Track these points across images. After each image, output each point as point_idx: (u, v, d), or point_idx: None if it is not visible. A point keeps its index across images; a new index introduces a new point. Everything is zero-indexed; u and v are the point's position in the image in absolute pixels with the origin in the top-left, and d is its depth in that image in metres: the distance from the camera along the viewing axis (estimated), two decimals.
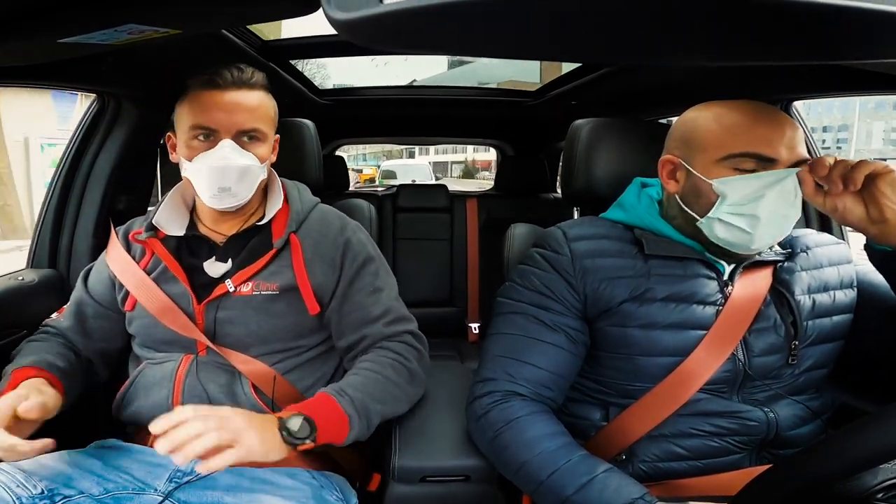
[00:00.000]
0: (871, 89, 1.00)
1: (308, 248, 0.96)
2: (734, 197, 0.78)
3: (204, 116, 0.89)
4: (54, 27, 0.68)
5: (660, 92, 1.54)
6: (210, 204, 0.92)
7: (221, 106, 0.90)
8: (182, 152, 0.92)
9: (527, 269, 0.92)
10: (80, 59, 0.90)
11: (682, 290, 0.83)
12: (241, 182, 0.91)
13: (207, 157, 0.89)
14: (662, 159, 0.89)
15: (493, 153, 4.23)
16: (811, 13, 0.40)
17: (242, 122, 0.91)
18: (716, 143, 0.81)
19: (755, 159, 0.78)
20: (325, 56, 1.68)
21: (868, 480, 0.56)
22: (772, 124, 0.79)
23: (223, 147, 0.89)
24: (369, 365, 0.92)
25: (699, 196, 0.83)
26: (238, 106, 0.91)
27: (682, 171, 0.86)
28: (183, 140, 0.92)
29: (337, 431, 0.82)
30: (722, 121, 0.81)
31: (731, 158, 0.79)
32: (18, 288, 1.15)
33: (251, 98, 0.93)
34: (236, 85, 0.91)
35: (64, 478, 0.79)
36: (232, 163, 0.89)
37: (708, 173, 0.81)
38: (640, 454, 0.84)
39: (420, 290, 2.31)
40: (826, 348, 0.86)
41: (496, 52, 0.60)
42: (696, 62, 0.71)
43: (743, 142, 0.78)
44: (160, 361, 0.95)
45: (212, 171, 0.89)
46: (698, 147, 0.83)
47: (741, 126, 0.79)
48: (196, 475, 0.86)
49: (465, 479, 0.89)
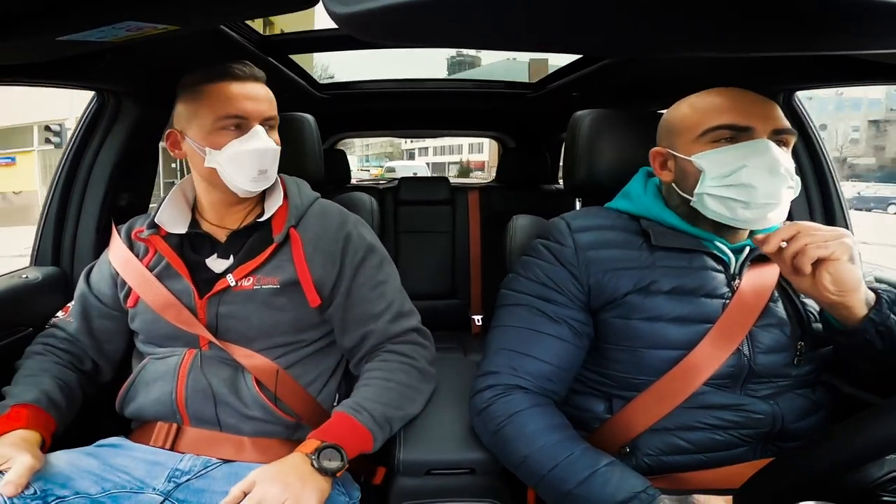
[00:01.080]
0: (872, 79, 1.00)
1: (308, 242, 0.97)
2: (714, 169, 0.81)
3: (233, 106, 0.92)
4: (53, 25, 0.68)
5: (661, 83, 1.53)
6: (247, 187, 0.94)
7: (249, 96, 0.94)
8: (206, 143, 0.93)
9: (530, 261, 0.92)
10: (78, 57, 0.89)
11: (688, 282, 0.83)
12: (273, 164, 0.96)
13: (243, 142, 0.92)
14: (652, 152, 0.91)
15: (485, 154, 4.24)
16: (813, 3, 0.40)
17: (266, 110, 0.96)
18: (692, 123, 0.85)
19: (730, 129, 0.81)
20: (325, 50, 1.67)
21: (874, 472, 0.57)
22: (744, 98, 0.83)
23: (258, 132, 0.93)
24: (379, 374, 0.93)
25: (687, 177, 0.85)
26: (258, 96, 0.96)
27: (671, 158, 0.88)
28: (205, 132, 0.93)
29: (362, 447, 0.85)
30: (696, 104, 0.86)
31: (707, 133, 0.83)
32: (23, 286, 1.15)
33: (264, 89, 0.98)
34: (253, 77, 0.96)
35: (60, 478, 0.79)
36: (270, 145, 0.94)
37: (689, 151, 0.84)
38: (643, 447, 0.84)
39: (422, 282, 2.31)
40: (829, 350, 0.86)
41: (496, 44, 0.59)
42: (698, 53, 0.71)
43: (716, 116, 0.82)
44: (163, 356, 0.96)
45: (253, 154, 0.92)
46: (678, 132, 0.87)
47: (714, 103, 0.84)
48: (195, 474, 0.87)
49: (471, 472, 0.89)
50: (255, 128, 0.93)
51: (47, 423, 0.87)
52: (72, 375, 0.97)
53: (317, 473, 0.77)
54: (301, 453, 0.80)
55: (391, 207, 2.43)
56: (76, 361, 1.00)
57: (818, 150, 1.29)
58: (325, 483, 0.78)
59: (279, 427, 0.94)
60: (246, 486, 0.74)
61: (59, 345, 0.99)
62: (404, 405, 0.92)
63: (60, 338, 1.00)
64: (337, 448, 0.80)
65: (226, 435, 0.92)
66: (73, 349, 1.00)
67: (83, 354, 1.01)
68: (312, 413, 0.96)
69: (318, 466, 0.78)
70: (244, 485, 0.74)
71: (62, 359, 0.98)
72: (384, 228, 2.35)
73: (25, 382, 0.91)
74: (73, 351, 1.00)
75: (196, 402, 0.92)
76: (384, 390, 0.91)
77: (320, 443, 0.80)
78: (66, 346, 1.00)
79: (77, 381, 0.97)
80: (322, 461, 0.78)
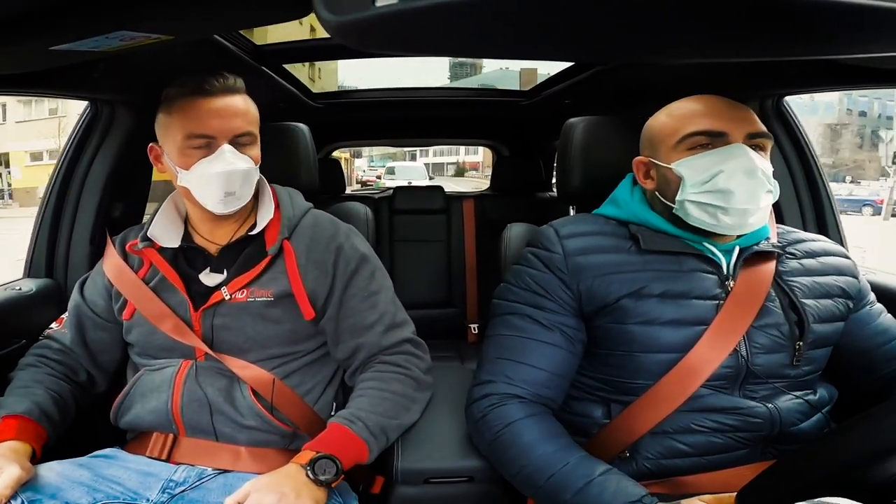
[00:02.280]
0: (861, 83, 1.01)
1: (301, 253, 0.96)
2: (693, 175, 0.82)
3: (200, 124, 0.89)
4: (46, 35, 0.68)
5: (652, 89, 1.54)
6: (215, 210, 0.92)
7: (216, 112, 0.90)
8: (177, 161, 0.92)
9: (521, 269, 0.92)
10: (72, 67, 0.89)
11: (679, 285, 0.83)
12: (245, 185, 0.93)
13: (209, 163, 0.89)
14: (635, 161, 0.93)
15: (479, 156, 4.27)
16: (802, 8, 0.40)
17: (238, 127, 0.92)
18: (670, 131, 0.86)
19: (706, 135, 0.83)
20: (318, 59, 1.68)
21: (891, 466, 0.56)
22: (719, 105, 0.85)
23: (224, 153, 0.90)
24: (374, 384, 0.93)
25: (669, 184, 0.86)
26: (231, 111, 0.91)
27: (653, 167, 0.90)
28: (175, 149, 0.91)
29: (357, 458, 0.85)
30: (673, 112, 0.88)
31: (684, 140, 0.84)
32: (17, 298, 1.15)
33: (240, 102, 0.93)
34: (225, 91, 0.91)
35: (50, 489, 0.79)
36: (237, 167, 0.90)
37: (669, 159, 0.86)
38: (643, 451, 0.84)
39: (418, 291, 2.31)
40: (825, 352, 0.87)
41: (490, 52, 0.60)
42: (687, 59, 0.72)
43: (692, 123, 0.84)
44: (159, 367, 0.95)
45: (218, 177, 0.89)
46: (658, 140, 0.88)
47: (690, 111, 0.86)
48: (190, 485, 0.86)
49: (469, 480, 0.89)
50: (221, 147, 0.90)
51: (39, 434, 0.86)
52: (65, 387, 0.96)
53: (312, 484, 0.77)
54: (296, 464, 0.79)
55: (386, 217, 2.43)
56: (70, 373, 0.99)
57: (808, 154, 1.30)
58: (321, 494, 0.77)
59: (276, 436, 0.94)
60: (240, 497, 0.74)
61: (53, 356, 0.99)
62: (399, 414, 0.92)
63: (54, 349, 1.00)
64: (332, 459, 0.80)
65: (222, 445, 0.92)
66: (67, 360, 0.99)
67: (77, 366, 1.00)
68: (309, 422, 0.95)
69: (313, 477, 0.77)
70: (239, 495, 0.74)
71: (56, 370, 0.97)
72: (379, 238, 2.34)
73: (18, 394, 0.90)
74: (67, 362, 0.99)
75: (192, 411, 0.91)
76: (379, 400, 0.90)
77: (315, 453, 0.80)
78: (60, 357, 0.99)
79: (70, 392, 0.97)
80: (317, 472, 0.78)
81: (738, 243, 0.87)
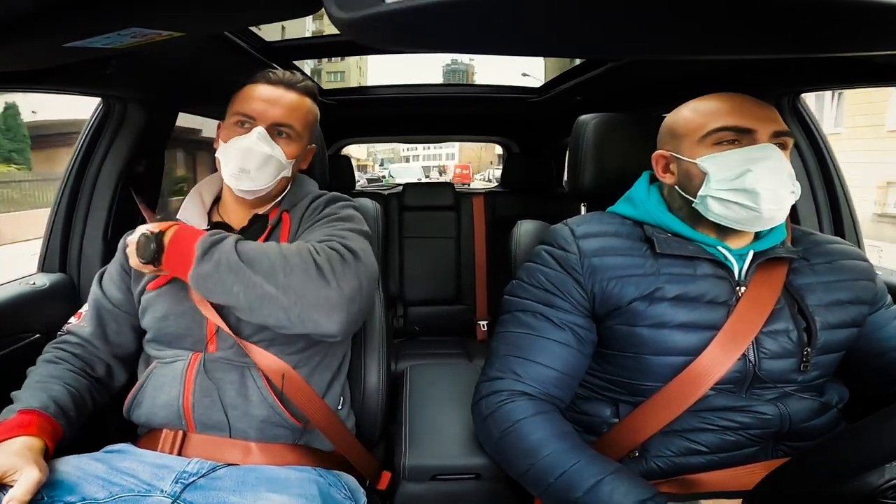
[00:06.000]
0: (877, 81, 0.99)
1: (295, 221, 1.01)
2: (719, 172, 0.81)
3: (245, 105, 0.96)
4: (58, 32, 0.68)
5: (664, 87, 1.53)
6: (229, 182, 0.97)
7: (263, 98, 0.97)
8: (221, 136, 0.99)
9: (534, 267, 0.91)
10: (84, 63, 0.90)
11: (693, 289, 0.83)
12: (261, 169, 0.95)
13: (239, 140, 0.95)
14: (655, 155, 0.92)
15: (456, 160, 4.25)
16: (820, 4, 0.40)
17: (278, 116, 0.97)
18: (695, 125, 0.85)
19: (733, 131, 0.82)
20: (328, 56, 1.68)
21: (874, 479, 0.56)
22: (746, 102, 0.84)
23: (253, 133, 0.95)
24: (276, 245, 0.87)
25: (691, 179, 0.85)
26: (277, 100, 0.97)
27: (674, 161, 0.88)
28: (225, 125, 0.99)
29: (179, 262, 0.85)
30: (698, 108, 0.87)
31: (710, 135, 0.83)
32: (31, 293, 1.16)
33: (291, 96, 0.99)
34: (281, 83, 0.99)
35: (68, 484, 0.79)
36: (257, 148, 0.94)
37: (693, 154, 0.85)
38: (653, 450, 0.83)
39: (428, 288, 2.31)
40: (835, 357, 0.86)
41: (499, 49, 0.59)
42: (702, 55, 0.71)
43: (718, 118, 0.83)
44: (170, 361, 0.96)
45: (238, 151, 0.95)
46: (682, 134, 0.87)
47: (716, 106, 0.85)
48: (202, 475, 0.86)
49: (476, 477, 0.89)
50: (255, 129, 0.95)
51: (54, 429, 0.87)
52: (83, 382, 0.97)
53: None
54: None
55: (396, 213, 2.43)
56: (88, 368, 0.99)
57: (824, 152, 1.28)
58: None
59: (286, 430, 0.94)
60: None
61: (72, 350, 0.99)
62: (263, 271, 0.82)
63: (73, 343, 1.00)
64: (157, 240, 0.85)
65: (233, 441, 0.92)
66: (85, 355, 1.00)
67: (96, 360, 1.01)
68: (320, 415, 0.95)
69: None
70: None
71: (74, 365, 0.98)
72: (389, 234, 2.35)
73: (34, 388, 0.91)
74: (85, 357, 1.00)
75: (203, 406, 0.91)
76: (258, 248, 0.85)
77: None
78: (79, 351, 1.00)
79: (88, 388, 0.97)
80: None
81: (753, 247, 0.86)
